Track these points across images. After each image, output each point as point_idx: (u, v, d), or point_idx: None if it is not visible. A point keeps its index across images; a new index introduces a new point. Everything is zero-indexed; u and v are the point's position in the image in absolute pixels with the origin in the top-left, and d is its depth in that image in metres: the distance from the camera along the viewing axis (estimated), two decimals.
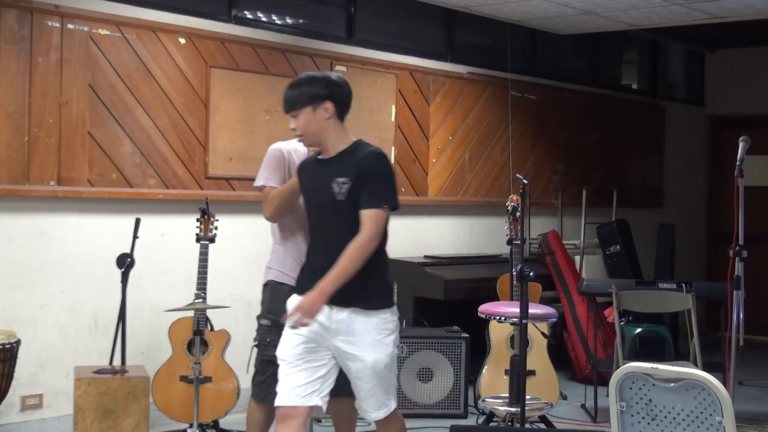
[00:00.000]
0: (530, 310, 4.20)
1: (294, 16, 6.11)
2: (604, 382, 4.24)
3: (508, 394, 4.94)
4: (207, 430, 4.88)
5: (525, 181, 4.60)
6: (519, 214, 5.10)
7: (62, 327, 4.94)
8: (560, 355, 6.51)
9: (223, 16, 5.57)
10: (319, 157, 3.53)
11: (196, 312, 4.69)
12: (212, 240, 4.80)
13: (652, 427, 2.83)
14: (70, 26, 4.87)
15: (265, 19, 5.88)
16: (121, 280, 4.77)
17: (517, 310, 4.16)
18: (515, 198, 5.20)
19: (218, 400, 4.84)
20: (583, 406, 5.92)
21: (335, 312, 3.40)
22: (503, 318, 4.71)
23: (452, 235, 6.99)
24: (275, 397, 3.52)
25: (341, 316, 3.40)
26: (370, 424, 5.10)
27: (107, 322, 4.98)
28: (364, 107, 6.06)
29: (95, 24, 4.96)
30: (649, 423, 2.84)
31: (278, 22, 5.96)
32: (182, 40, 5.33)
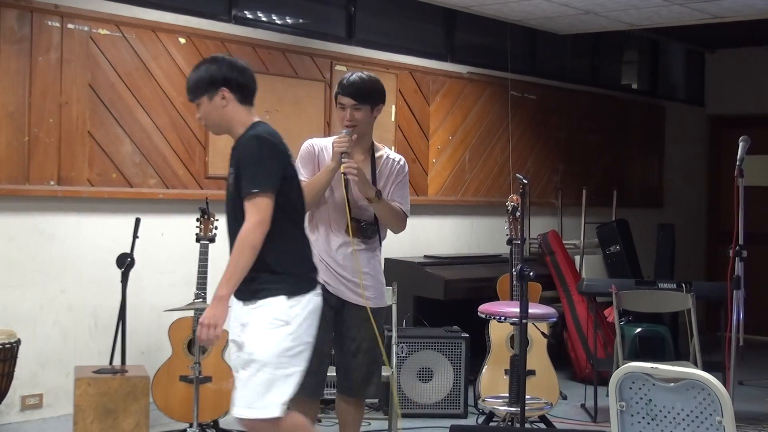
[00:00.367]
0: (530, 310, 4.20)
1: (294, 16, 6.11)
2: (604, 381, 4.24)
3: (508, 394, 4.93)
4: (207, 430, 4.88)
5: (525, 180, 4.60)
6: (519, 213, 5.10)
7: (62, 327, 4.94)
8: (560, 355, 6.50)
9: (223, 16, 5.57)
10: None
11: (196, 312, 4.68)
12: (212, 240, 4.80)
13: (651, 427, 2.83)
14: (70, 26, 4.88)
15: (265, 19, 5.89)
16: (121, 280, 4.77)
17: (517, 310, 4.16)
18: (515, 198, 5.20)
19: (218, 400, 4.83)
20: (583, 405, 5.92)
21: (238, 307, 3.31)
22: (503, 318, 4.70)
23: (452, 234, 6.99)
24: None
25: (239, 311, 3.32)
26: (369, 424, 5.12)
27: (107, 322, 4.98)
28: None
29: (95, 24, 4.97)
30: (648, 423, 2.83)
31: (278, 22, 5.96)
32: (182, 40, 5.33)
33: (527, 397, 4.42)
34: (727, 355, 4.66)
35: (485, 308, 4.85)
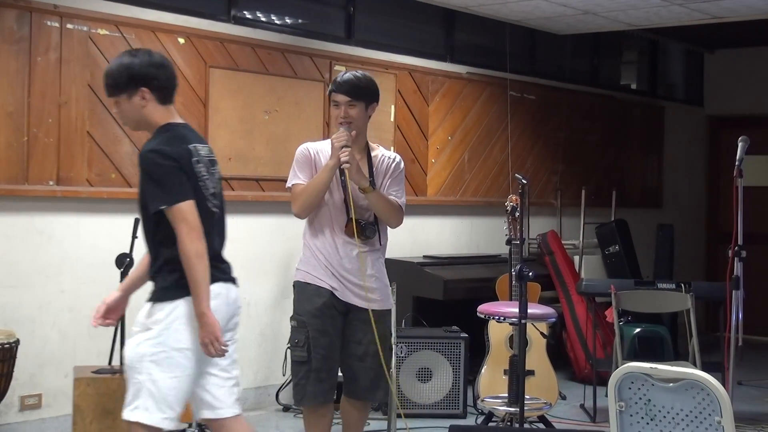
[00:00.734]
0: (529, 310, 4.20)
1: (293, 16, 6.11)
2: (603, 382, 4.25)
3: (507, 394, 4.94)
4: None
5: (524, 181, 4.60)
6: (518, 214, 5.10)
7: (61, 327, 4.93)
8: (559, 355, 6.51)
9: (222, 16, 5.57)
10: None
11: None
12: None
13: (651, 427, 2.83)
14: (69, 26, 4.87)
15: (264, 19, 5.88)
16: (120, 280, 4.75)
17: (516, 310, 4.16)
18: (514, 198, 5.20)
19: None
20: (582, 406, 5.92)
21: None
22: (502, 318, 4.71)
23: (451, 235, 6.99)
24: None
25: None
26: (369, 424, 5.12)
27: None
28: None
29: (94, 24, 4.96)
30: (648, 423, 2.84)
31: (277, 22, 5.96)
32: (181, 40, 5.33)
33: (526, 397, 4.42)
34: (726, 356, 4.66)
35: (484, 308, 4.85)
